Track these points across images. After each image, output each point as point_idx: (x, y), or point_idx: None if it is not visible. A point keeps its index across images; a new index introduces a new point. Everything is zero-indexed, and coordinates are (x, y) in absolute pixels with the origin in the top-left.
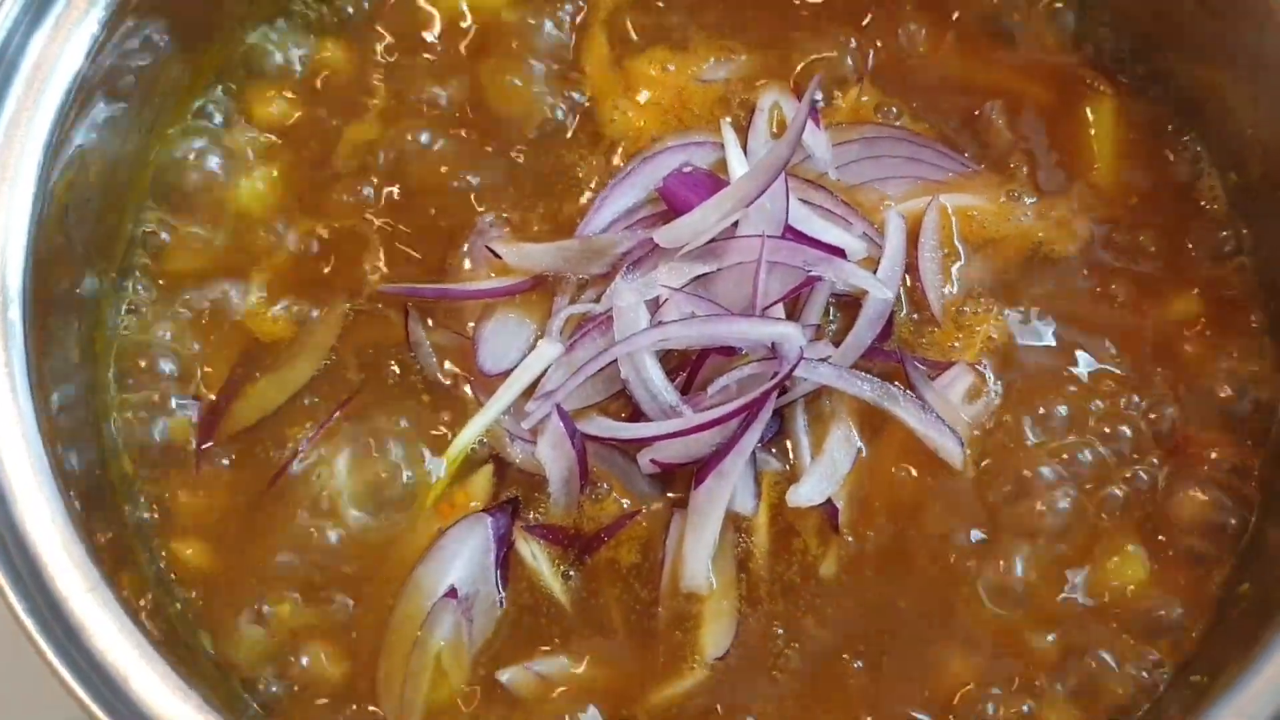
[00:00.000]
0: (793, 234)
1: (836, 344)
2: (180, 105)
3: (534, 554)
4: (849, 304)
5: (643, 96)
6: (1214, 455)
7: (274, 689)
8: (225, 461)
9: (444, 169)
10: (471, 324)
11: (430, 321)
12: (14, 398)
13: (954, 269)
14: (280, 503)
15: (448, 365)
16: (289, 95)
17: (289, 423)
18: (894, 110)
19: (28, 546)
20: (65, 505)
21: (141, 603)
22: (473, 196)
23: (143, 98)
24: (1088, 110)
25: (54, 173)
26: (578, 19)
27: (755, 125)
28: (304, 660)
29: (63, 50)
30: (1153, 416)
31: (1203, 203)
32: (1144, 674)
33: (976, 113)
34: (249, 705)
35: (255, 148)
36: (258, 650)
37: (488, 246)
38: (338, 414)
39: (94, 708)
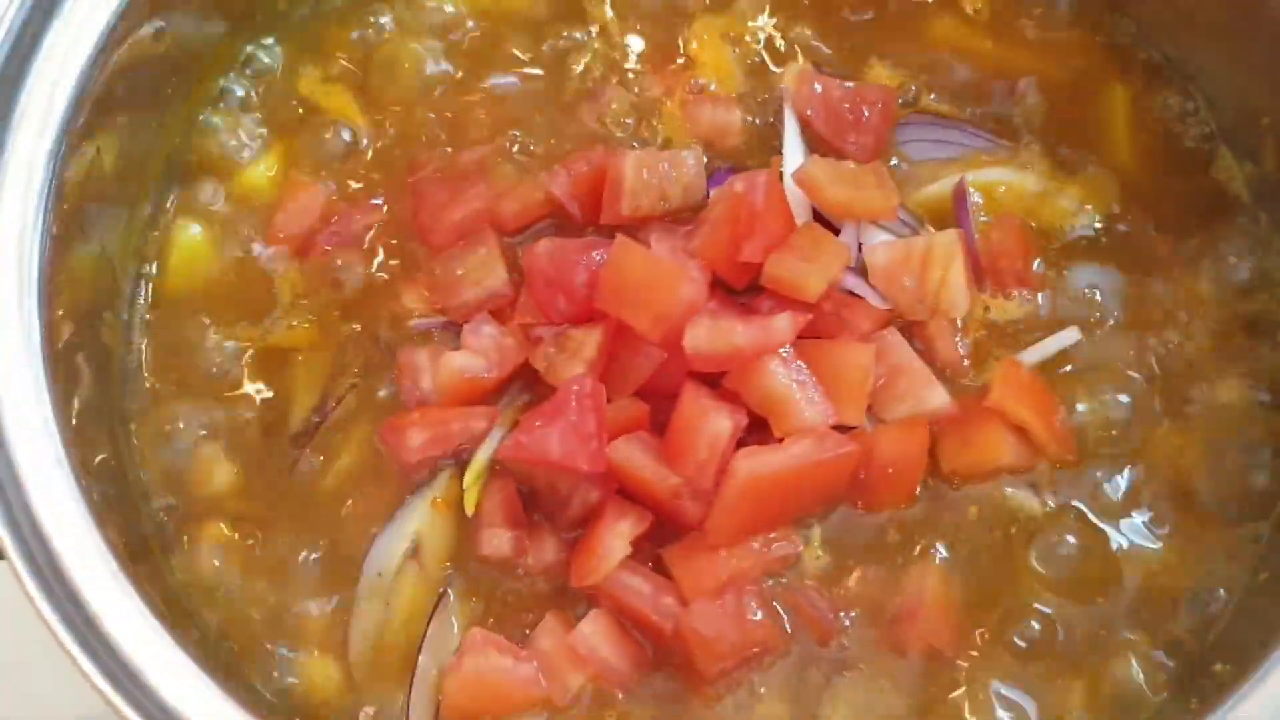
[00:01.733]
0: None
1: None
2: (197, 93)
3: None
4: None
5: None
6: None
7: (289, 677)
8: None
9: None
10: None
11: None
12: (31, 388)
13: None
14: (299, 488)
15: None
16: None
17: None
18: (913, 89)
19: (47, 537)
20: (84, 495)
21: (160, 592)
22: None
23: (158, 86)
24: (1105, 92)
25: (69, 164)
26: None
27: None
28: (317, 644)
29: (77, 40)
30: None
31: (1221, 187)
32: (1167, 662)
33: (1009, 90)
34: (264, 694)
35: (268, 129)
36: (274, 634)
37: None
38: (343, 400)
39: (114, 697)
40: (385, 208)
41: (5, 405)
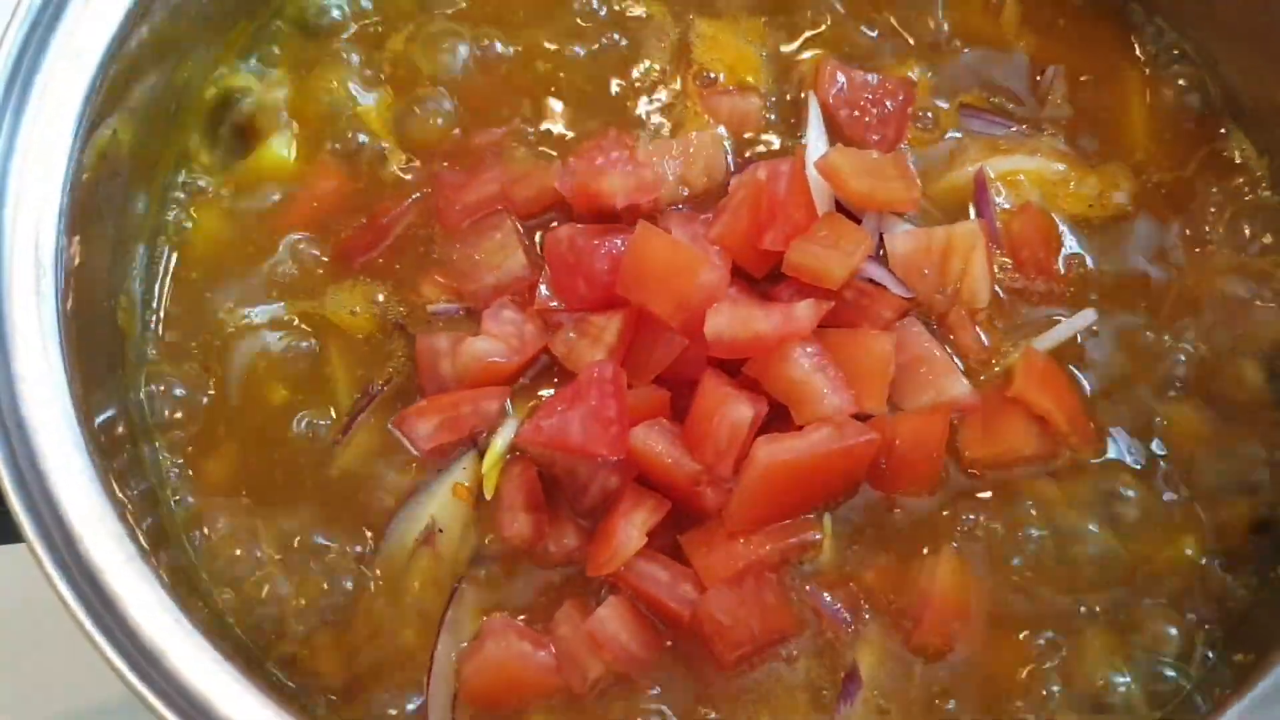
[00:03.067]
0: None
1: None
2: (213, 75)
3: None
4: None
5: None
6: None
7: (304, 660)
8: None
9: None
10: None
11: None
12: (48, 369)
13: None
14: (317, 470)
15: None
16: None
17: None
18: (929, 74)
19: (65, 519)
20: (101, 478)
21: (178, 575)
22: None
23: (175, 67)
24: (1125, 81)
25: (87, 144)
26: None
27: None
28: (333, 627)
29: (96, 20)
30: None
31: (1240, 177)
32: (1188, 651)
33: (1034, 78)
34: (279, 677)
35: (288, 111)
36: (290, 616)
37: None
38: (369, 406)
39: (131, 678)
40: (413, 195)
41: (24, 389)
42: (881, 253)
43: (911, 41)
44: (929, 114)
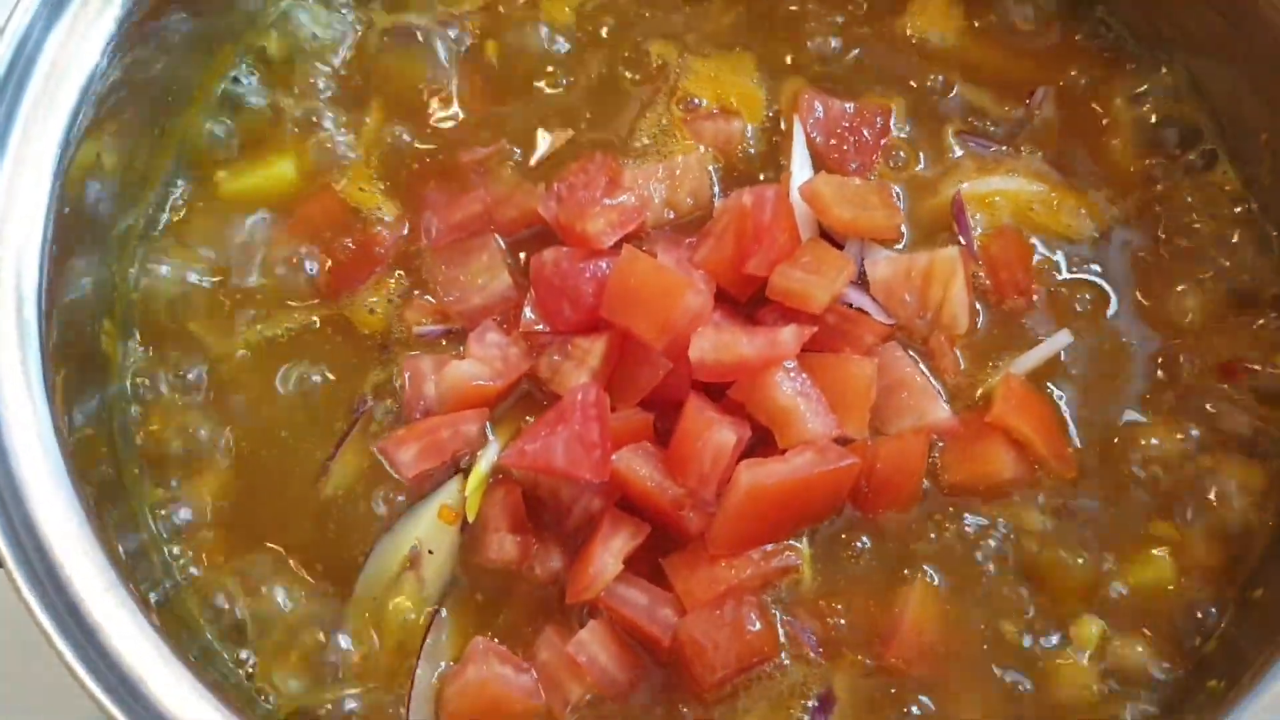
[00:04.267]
0: None
1: None
2: (195, 100)
3: None
4: None
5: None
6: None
7: (284, 686)
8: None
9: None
10: None
11: None
12: (30, 398)
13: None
14: (300, 495)
15: None
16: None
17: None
18: (912, 98)
19: (45, 547)
20: (82, 505)
21: (158, 602)
22: None
23: (159, 93)
24: (1107, 104)
25: (70, 171)
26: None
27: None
28: (312, 652)
29: (79, 48)
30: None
31: (1220, 200)
32: (1160, 676)
33: (1028, 99)
34: (260, 704)
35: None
36: (269, 643)
37: None
38: (354, 426)
39: (110, 707)
40: (403, 224)
41: (5, 415)
42: (863, 275)
43: (895, 66)
44: (911, 138)
